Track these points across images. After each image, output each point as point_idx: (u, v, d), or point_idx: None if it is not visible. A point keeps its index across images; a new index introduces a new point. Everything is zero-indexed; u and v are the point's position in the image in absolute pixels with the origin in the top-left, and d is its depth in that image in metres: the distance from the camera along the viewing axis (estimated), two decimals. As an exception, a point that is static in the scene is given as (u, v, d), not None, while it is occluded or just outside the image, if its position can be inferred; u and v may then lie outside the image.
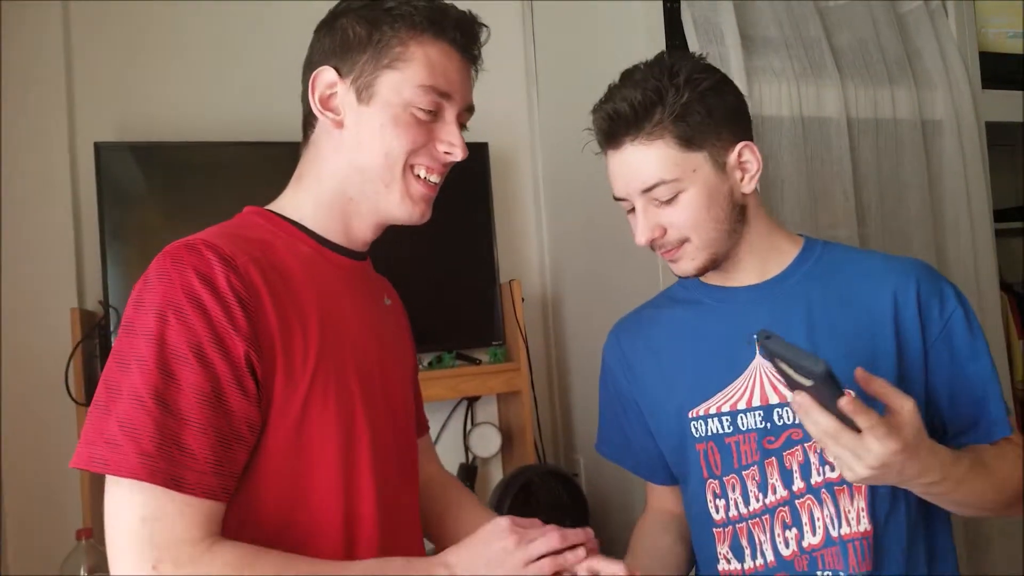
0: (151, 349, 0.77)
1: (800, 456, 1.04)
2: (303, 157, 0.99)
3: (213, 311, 0.79)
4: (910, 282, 1.07)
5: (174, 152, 1.84)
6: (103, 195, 1.74)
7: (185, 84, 1.95)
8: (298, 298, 0.87)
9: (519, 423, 2.06)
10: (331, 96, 0.94)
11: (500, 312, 2.08)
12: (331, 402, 0.87)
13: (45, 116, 1.81)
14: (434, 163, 0.96)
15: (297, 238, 0.94)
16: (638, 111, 1.03)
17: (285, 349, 0.84)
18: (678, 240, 1.07)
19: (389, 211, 0.96)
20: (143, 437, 0.75)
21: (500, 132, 2.19)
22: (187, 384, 0.77)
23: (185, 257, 0.81)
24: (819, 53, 1.85)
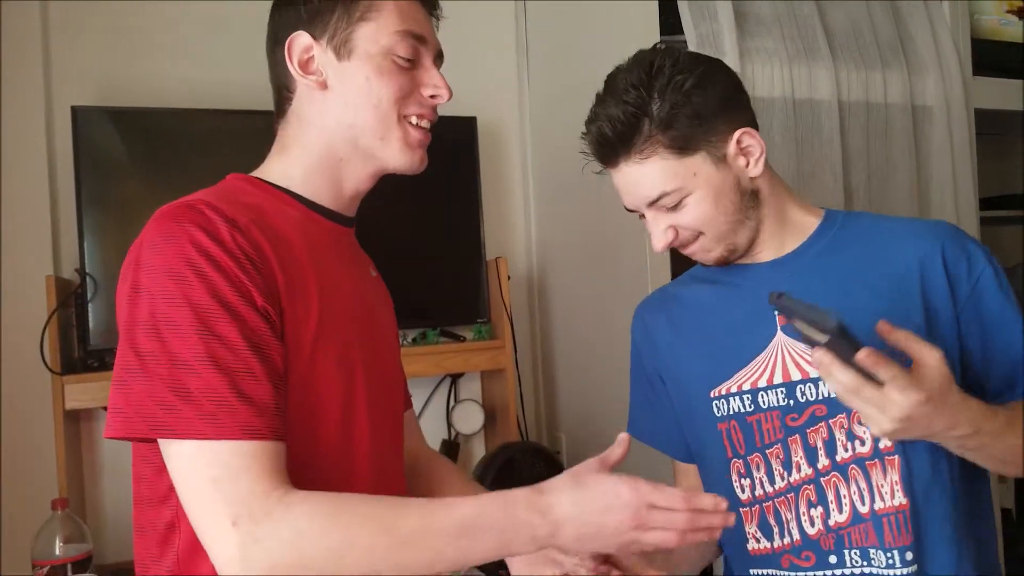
0: (180, 310, 0.77)
1: (824, 433, 1.04)
2: (282, 130, 0.98)
3: (228, 266, 0.79)
4: (935, 245, 1.05)
5: (154, 118, 1.80)
6: (80, 160, 1.70)
7: (166, 49, 1.91)
8: (297, 261, 0.87)
9: (502, 400, 2.05)
10: (309, 60, 0.93)
11: (486, 289, 2.06)
12: (332, 364, 0.88)
13: (21, 78, 1.77)
14: (423, 108, 0.96)
15: (286, 203, 0.93)
16: (624, 130, 1.01)
17: (291, 309, 0.84)
18: (692, 237, 1.06)
19: (387, 162, 0.96)
20: (199, 397, 0.75)
21: (489, 106, 2.16)
22: (227, 337, 0.77)
23: (188, 216, 0.81)
24: (812, 34, 1.84)
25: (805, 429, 1.04)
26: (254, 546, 0.73)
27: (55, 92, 1.81)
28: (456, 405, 2.11)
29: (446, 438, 2.10)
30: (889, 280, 1.05)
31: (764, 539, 1.08)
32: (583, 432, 2.05)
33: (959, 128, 1.99)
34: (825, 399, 1.03)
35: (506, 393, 2.03)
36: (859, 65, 1.87)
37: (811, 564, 1.05)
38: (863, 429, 1.02)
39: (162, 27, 1.91)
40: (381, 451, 0.95)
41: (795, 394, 1.05)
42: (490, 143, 2.16)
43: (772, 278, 1.09)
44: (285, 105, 0.97)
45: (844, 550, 1.03)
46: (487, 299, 2.06)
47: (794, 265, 1.09)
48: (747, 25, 1.80)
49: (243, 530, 0.73)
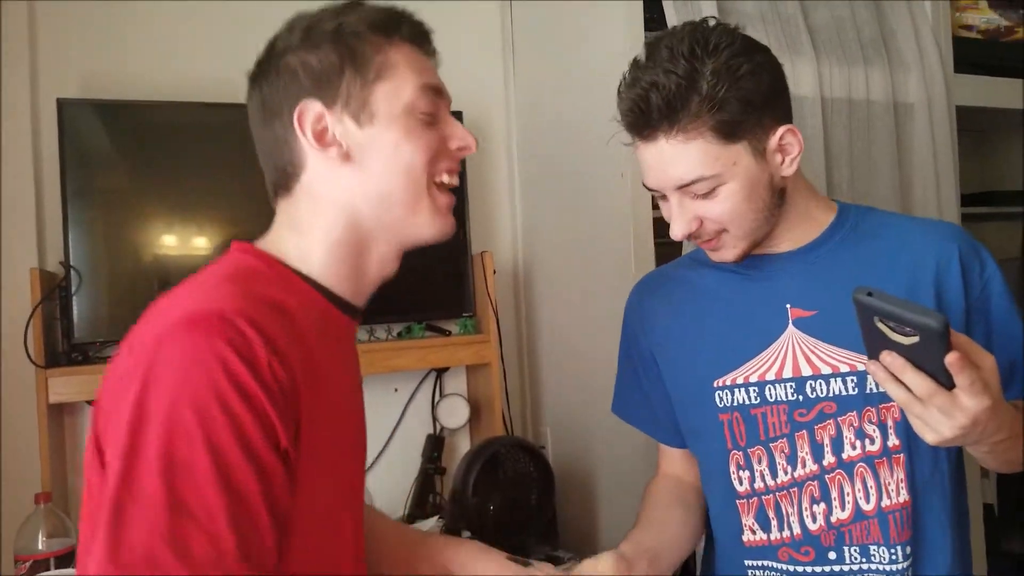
0: (199, 454, 0.65)
1: (832, 430, 1.03)
2: (289, 208, 0.86)
3: (260, 403, 0.68)
4: (952, 246, 1.05)
5: (140, 111, 1.79)
6: (66, 153, 1.69)
7: (152, 43, 1.90)
8: (317, 375, 0.77)
9: (488, 395, 2.06)
10: (323, 131, 0.83)
11: (471, 284, 2.07)
12: (333, 484, 0.81)
13: (7, 71, 1.76)
14: (452, 163, 0.89)
15: (309, 297, 0.83)
16: (671, 102, 0.95)
17: (307, 438, 0.75)
18: (715, 231, 1.03)
19: (418, 235, 0.87)
20: (199, 558, 0.64)
21: (474, 101, 2.16)
22: (244, 490, 0.67)
23: (223, 332, 0.68)
24: (795, 31, 1.85)
25: (813, 425, 1.04)
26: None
27: (41, 85, 1.80)
28: (441, 399, 2.11)
29: (431, 433, 2.10)
30: (903, 275, 1.04)
31: (761, 531, 1.08)
32: (568, 426, 2.06)
33: (941, 125, 2.01)
34: (836, 396, 1.03)
35: (491, 387, 2.03)
36: (842, 62, 1.89)
37: (810, 559, 1.05)
38: (873, 427, 1.02)
39: (148, 21, 1.90)
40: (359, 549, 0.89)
41: (804, 389, 1.04)
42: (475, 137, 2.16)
43: (785, 269, 1.08)
44: (291, 183, 0.85)
45: (844, 547, 1.03)
46: (472, 293, 2.07)
47: (808, 258, 1.08)
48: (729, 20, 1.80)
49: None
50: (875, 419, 1.02)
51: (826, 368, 1.03)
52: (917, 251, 1.06)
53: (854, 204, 1.13)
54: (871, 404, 1.02)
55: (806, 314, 1.06)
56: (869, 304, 0.78)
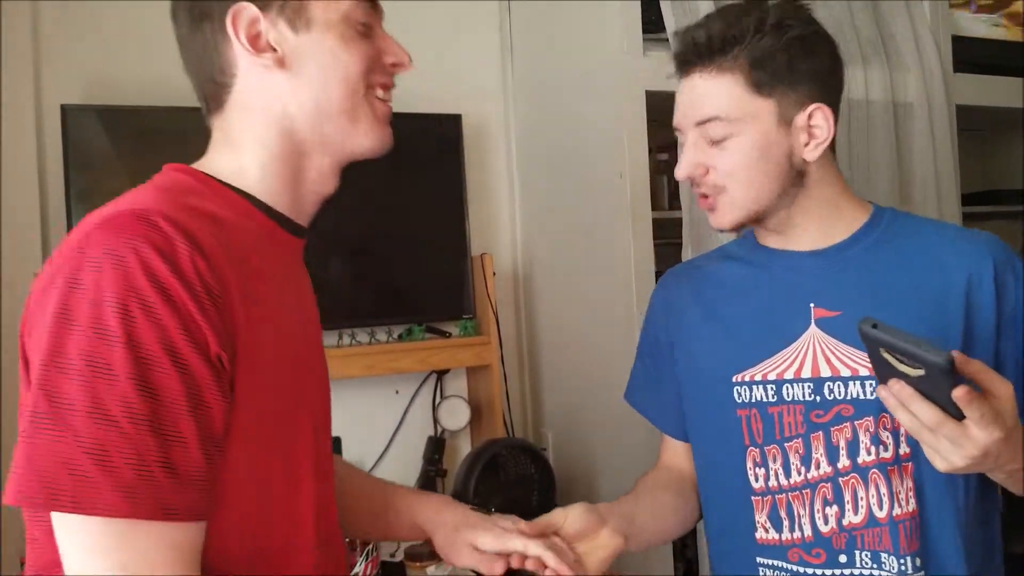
0: (117, 352, 0.63)
1: (848, 433, 1.02)
2: (223, 124, 0.83)
3: (181, 301, 0.65)
4: (987, 258, 1.03)
5: (142, 116, 1.81)
6: (69, 158, 1.71)
7: (154, 48, 1.90)
8: (257, 284, 0.74)
9: (488, 397, 2.06)
10: (257, 36, 0.79)
11: (471, 285, 2.08)
12: (288, 403, 0.77)
13: (10, 77, 1.77)
14: (387, 78, 0.86)
15: (244, 212, 0.79)
16: (715, 43, 0.98)
17: (246, 352, 0.71)
18: (715, 186, 1.03)
19: (357, 145, 0.84)
20: (118, 463, 0.61)
21: (474, 104, 2.18)
22: (165, 393, 0.64)
23: (141, 232, 0.65)
24: (794, 32, 1.86)
25: (829, 427, 1.02)
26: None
27: (44, 91, 1.82)
28: (442, 401, 2.11)
29: (432, 434, 2.11)
30: (933, 284, 1.02)
31: (773, 530, 1.07)
32: (569, 428, 2.07)
33: (940, 124, 2.01)
34: (853, 400, 1.01)
35: (492, 389, 2.04)
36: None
37: (821, 561, 1.03)
38: (887, 434, 1.00)
39: (151, 26, 1.91)
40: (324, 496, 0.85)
41: (822, 390, 1.02)
42: (475, 140, 2.17)
43: (812, 268, 1.06)
44: (223, 95, 0.82)
45: (856, 551, 1.01)
46: (472, 295, 2.08)
47: (837, 257, 1.06)
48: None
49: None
50: (890, 426, 1.00)
51: (846, 370, 1.01)
52: (950, 261, 1.03)
53: (891, 208, 1.11)
54: (887, 411, 1.01)
55: (829, 314, 1.04)
56: (874, 336, 0.77)
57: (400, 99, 2.31)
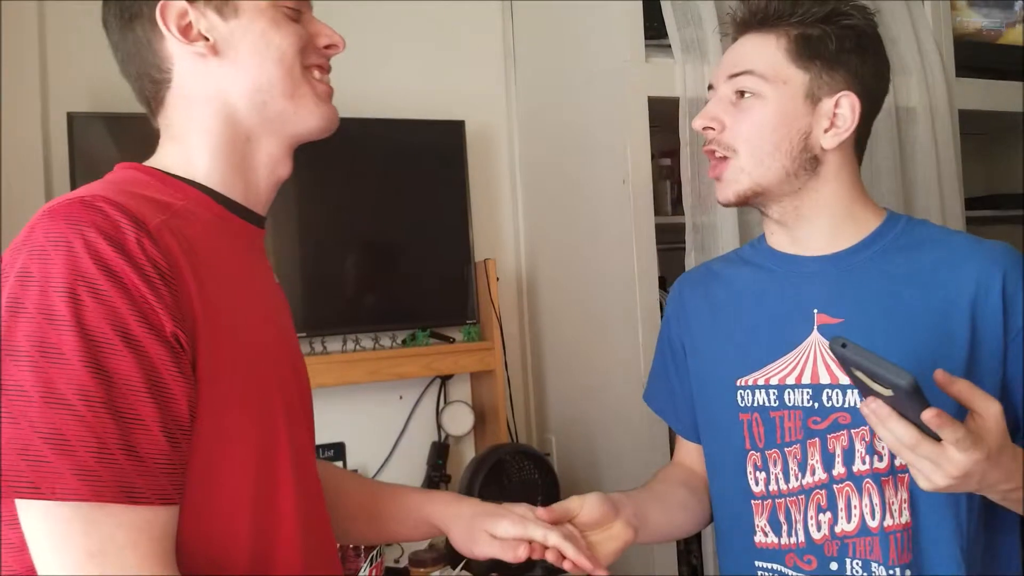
0: (67, 337, 0.62)
1: (845, 441, 1.01)
2: (167, 121, 0.84)
3: (131, 282, 0.65)
4: (996, 269, 1.00)
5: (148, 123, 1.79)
6: (76, 166, 1.72)
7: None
8: (211, 270, 0.74)
9: (492, 402, 2.07)
10: (187, 27, 0.80)
11: (475, 291, 2.08)
12: (252, 391, 0.76)
13: (17, 85, 1.79)
14: (322, 59, 0.87)
15: (196, 200, 0.79)
16: (771, 11, 1.02)
17: (207, 328, 0.70)
18: (728, 146, 1.04)
19: (301, 124, 0.85)
20: (77, 447, 0.61)
21: (477, 110, 2.19)
22: (119, 375, 0.64)
23: (85, 217, 0.66)
24: (796, 38, 1.86)
25: (826, 434, 1.02)
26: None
27: (51, 98, 1.83)
28: (445, 407, 2.12)
29: (435, 440, 2.11)
30: (940, 295, 1.01)
31: (772, 534, 1.07)
32: (572, 433, 2.07)
33: (943, 129, 2.01)
34: (850, 408, 1.01)
35: (495, 395, 2.04)
36: (842, 68, 1.90)
37: (812, 568, 1.03)
38: (883, 444, 0.99)
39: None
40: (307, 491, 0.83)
41: (820, 397, 1.02)
42: (478, 146, 2.18)
43: (818, 273, 1.06)
44: (163, 91, 0.82)
45: (847, 559, 1.01)
46: (476, 301, 2.08)
47: (846, 263, 1.05)
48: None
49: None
50: None
51: (844, 378, 1.01)
52: (958, 270, 1.01)
53: (906, 215, 1.10)
54: None
55: (832, 321, 1.03)
56: (843, 356, 0.77)
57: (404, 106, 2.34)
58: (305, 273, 1.91)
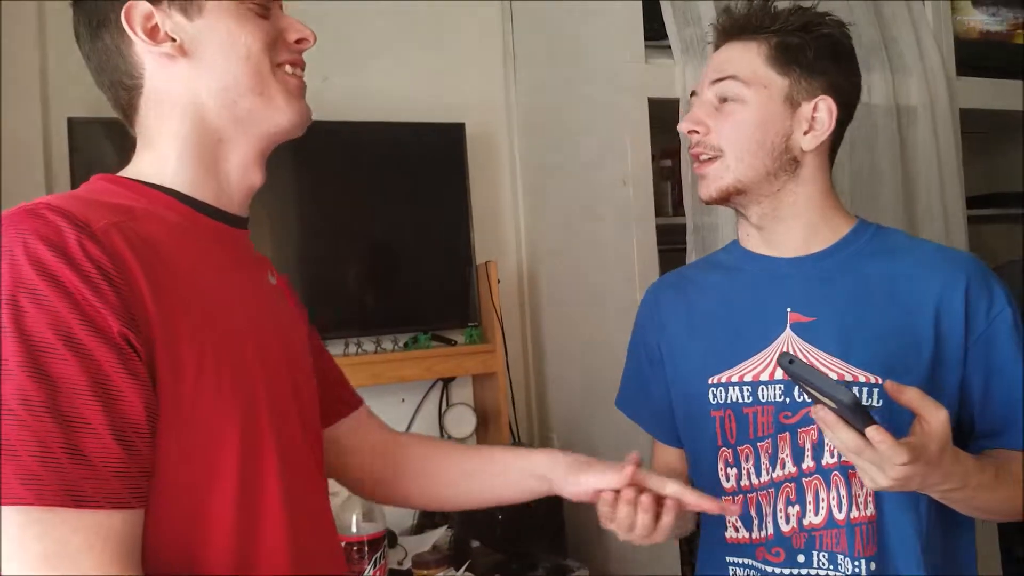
0: (9, 344, 0.63)
1: (815, 436, 1.04)
2: (141, 128, 0.84)
3: (72, 285, 0.65)
4: (960, 277, 1.04)
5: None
6: (76, 171, 1.72)
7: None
8: (173, 270, 0.73)
9: (494, 404, 2.07)
10: (153, 29, 0.80)
11: (476, 293, 2.08)
12: (227, 383, 0.74)
13: (18, 91, 1.79)
14: (293, 55, 0.86)
15: (161, 203, 0.79)
16: (753, 20, 1.07)
17: (164, 323, 0.70)
18: (713, 147, 1.07)
19: (274, 122, 0.84)
20: (21, 453, 0.61)
21: (477, 113, 2.19)
22: (62, 379, 0.63)
23: (27, 223, 0.66)
24: (796, 38, 1.86)
25: (796, 428, 1.05)
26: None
27: (51, 105, 1.83)
28: (448, 409, 2.12)
29: (439, 442, 2.12)
30: (908, 299, 1.04)
31: (743, 529, 1.09)
32: (574, 434, 2.07)
33: (944, 128, 2.01)
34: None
35: (498, 397, 2.04)
36: (842, 67, 1.90)
37: (780, 560, 1.06)
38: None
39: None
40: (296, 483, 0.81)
41: (791, 393, 1.05)
42: (479, 148, 2.18)
43: (792, 274, 1.09)
44: (135, 97, 0.82)
45: (813, 551, 1.04)
46: (477, 303, 2.08)
47: (817, 265, 1.08)
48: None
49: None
50: None
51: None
52: (924, 277, 1.05)
53: (875, 224, 1.14)
54: None
55: (805, 319, 1.07)
56: (790, 371, 0.82)
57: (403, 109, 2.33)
58: (306, 276, 1.91)
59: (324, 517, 0.89)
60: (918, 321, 1.04)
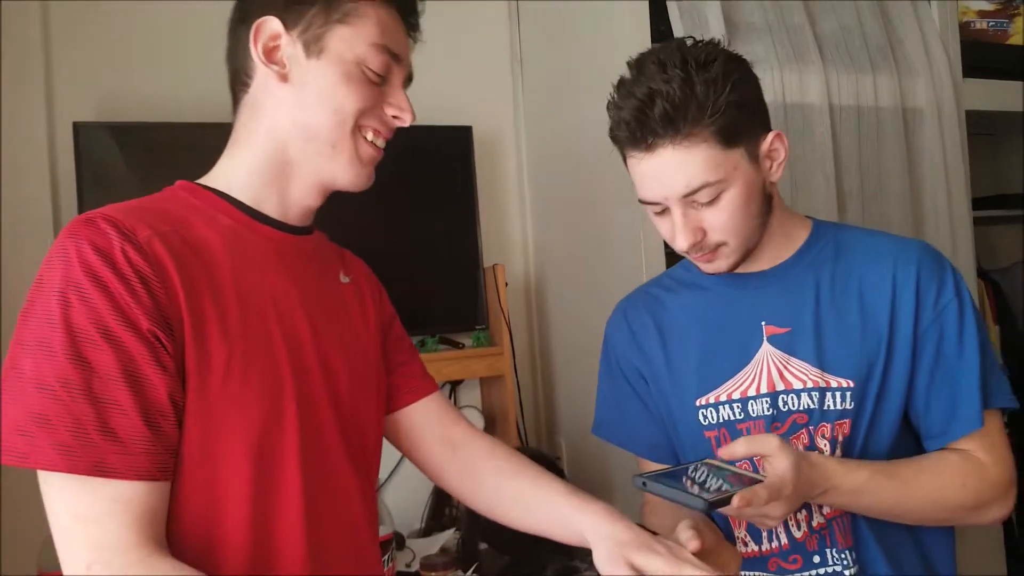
0: (56, 333, 0.73)
1: (805, 439, 1.05)
2: (236, 121, 0.92)
3: (113, 286, 0.74)
4: (910, 265, 1.05)
5: (155, 132, 1.82)
6: (82, 175, 1.72)
7: (167, 63, 1.93)
8: (214, 273, 0.82)
9: (502, 407, 2.07)
10: (275, 48, 0.87)
11: (483, 296, 2.08)
12: (253, 382, 0.81)
13: (23, 95, 1.78)
14: (382, 127, 0.92)
15: (220, 210, 0.88)
16: (673, 109, 0.95)
17: (195, 325, 0.78)
18: (716, 243, 1.03)
19: (334, 175, 0.91)
20: (57, 426, 0.71)
21: (484, 115, 2.19)
22: (98, 365, 0.73)
23: (82, 232, 0.76)
24: (803, 40, 1.86)
25: (788, 437, 1.06)
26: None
27: (57, 109, 1.83)
28: (456, 412, 2.12)
29: (447, 444, 2.11)
30: (867, 297, 1.06)
31: (752, 543, 1.09)
32: (583, 437, 2.06)
33: (950, 129, 2.01)
34: (806, 408, 1.05)
35: (505, 399, 2.04)
36: (849, 69, 1.89)
37: (798, 566, 1.06)
38: (825, 442, 1.05)
39: (162, 43, 1.93)
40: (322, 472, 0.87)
41: (778, 403, 1.06)
42: (486, 151, 2.18)
43: (761, 288, 1.10)
44: (240, 92, 0.91)
45: (826, 549, 1.05)
46: (485, 306, 2.08)
47: (783, 276, 1.10)
48: (737, 30, 1.82)
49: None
50: (828, 434, 1.05)
51: (797, 383, 1.06)
52: (879, 271, 1.07)
53: (828, 222, 1.15)
54: (827, 420, 1.05)
55: (780, 331, 1.08)
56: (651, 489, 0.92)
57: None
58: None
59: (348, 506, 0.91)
60: (877, 316, 1.05)
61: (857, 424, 1.05)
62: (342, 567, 0.88)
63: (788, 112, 1.82)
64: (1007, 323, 2.49)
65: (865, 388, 1.04)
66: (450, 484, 1.10)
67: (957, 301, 1.05)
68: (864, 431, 1.05)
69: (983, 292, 2.38)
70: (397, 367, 1.08)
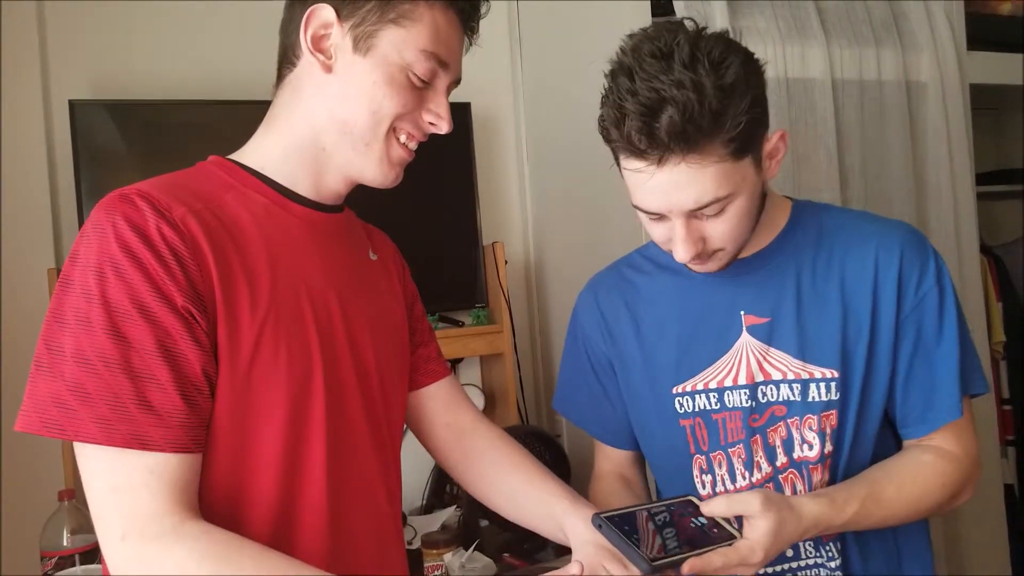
0: (95, 308, 0.74)
1: (783, 432, 1.04)
2: (276, 98, 0.92)
3: (148, 263, 0.75)
4: (893, 250, 1.03)
5: (151, 111, 1.81)
6: (79, 154, 1.71)
7: (163, 41, 1.91)
8: (246, 250, 0.83)
9: (502, 385, 2.07)
10: (324, 37, 0.87)
11: (483, 274, 2.07)
12: (282, 359, 0.82)
13: (18, 74, 1.77)
14: (417, 131, 0.91)
15: (253, 188, 0.89)
16: (684, 123, 0.86)
17: (227, 302, 0.79)
18: (714, 248, 0.98)
19: (363, 171, 0.91)
20: (96, 400, 0.72)
21: (483, 93, 2.16)
22: (135, 341, 0.74)
23: (118, 207, 0.77)
24: (805, 13, 1.84)
25: (765, 429, 1.04)
26: (136, 564, 0.72)
27: (53, 87, 1.81)
28: (456, 390, 2.12)
29: (447, 422, 2.11)
30: (848, 281, 1.03)
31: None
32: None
33: (954, 104, 1.99)
34: (785, 400, 1.04)
35: (505, 377, 2.04)
36: (852, 43, 1.88)
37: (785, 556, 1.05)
38: (813, 434, 1.03)
39: (157, 21, 1.91)
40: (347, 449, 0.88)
41: (756, 395, 1.04)
42: (485, 128, 2.16)
43: (741, 276, 1.06)
44: (286, 70, 0.91)
45: (799, 543, 1.03)
46: (484, 284, 2.08)
47: (764, 263, 1.06)
48: (738, 4, 1.80)
49: (129, 546, 0.72)
50: (815, 426, 1.03)
51: (777, 374, 1.03)
52: (861, 256, 1.03)
53: (809, 202, 1.11)
54: (812, 412, 1.03)
55: (759, 321, 1.05)
56: (599, 532, 0.89)
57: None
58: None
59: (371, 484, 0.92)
60: (859, 300, 1.03)
61: (844, 414, 1.03)
62: (363, 542, 0.90)
63: (790, 87, 1.80)
64: (1009, 299, 2.48)
65: (849, 378, 1.02)
66: (451, 468, 1.10)
67: (938, 288, 1.02)
68: (853, 421, 1.03)
69: (986, 268, 2.37)
70: (415, 348, 1.08)
